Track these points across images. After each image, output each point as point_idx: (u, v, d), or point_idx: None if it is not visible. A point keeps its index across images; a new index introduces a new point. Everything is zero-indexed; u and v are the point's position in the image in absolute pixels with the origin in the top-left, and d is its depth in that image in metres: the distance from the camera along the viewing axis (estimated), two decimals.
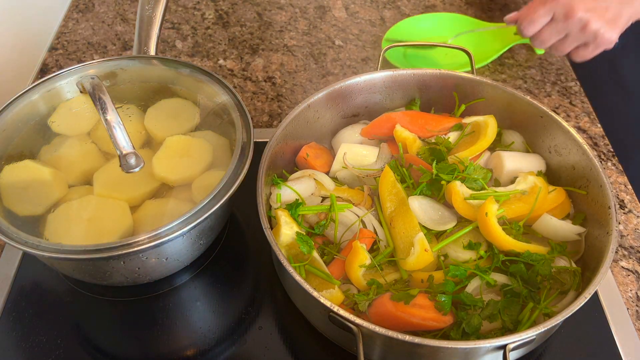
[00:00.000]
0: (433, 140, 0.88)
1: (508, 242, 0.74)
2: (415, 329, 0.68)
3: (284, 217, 0.77)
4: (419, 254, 0.72)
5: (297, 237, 0.75)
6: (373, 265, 0.74)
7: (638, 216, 0.93)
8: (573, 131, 0.82)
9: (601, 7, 0.92)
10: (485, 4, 1.36)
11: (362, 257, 0.73)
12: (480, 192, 0.79)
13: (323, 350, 0.76)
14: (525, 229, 0.79)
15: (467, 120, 0.90)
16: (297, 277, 0.65)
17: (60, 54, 1.23)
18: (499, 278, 0.73)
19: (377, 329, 0.61)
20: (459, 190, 0.78)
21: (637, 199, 0.96)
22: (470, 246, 0.75)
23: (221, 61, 1.22)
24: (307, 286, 0.65)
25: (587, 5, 0.92)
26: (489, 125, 0.87)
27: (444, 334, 0.69)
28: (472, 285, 0.72)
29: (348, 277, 0.75)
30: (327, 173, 0.88)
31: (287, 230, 0.76)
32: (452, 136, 0.89)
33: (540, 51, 1.21)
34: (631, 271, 0.86)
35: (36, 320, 0.79)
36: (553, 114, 0.84)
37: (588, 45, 0.97)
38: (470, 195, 0.78)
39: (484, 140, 0.86)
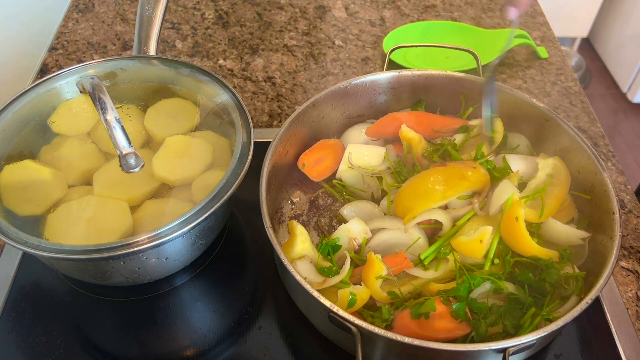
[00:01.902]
0: (439, 141, 0.88)
1: (533, 248, 0.73)
2: (443, 340, 0.68)
3: (299, 228, 0.77)
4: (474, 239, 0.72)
5: (319, 269, 0.75)
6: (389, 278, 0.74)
7: (638, 216, 0.93)
8: (579, 135, 0.81)
9: None
10: (485, 4, 1.36)
11: (378, 269, 0.73)
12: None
13: (323, 351, 0.76)
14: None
15: (474, 122, 0.89)
16: (298, 277, 0.65)
17: (60, 54, 1.23)
18: (506, 286, 0.73)
19: (376, 329, 0.61)
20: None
21: (637, 199, 0.96)
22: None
23: (221, 61, 1.22)
24: (307, 286, 0.65)
25: None
26: (496, 127, 0.87)
27: None
28: (478, 291, 0.72)
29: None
30: (334, 174, 0.88)
31: (301, 243, 0.76)
32: (458, 138, 0.89)
33: (544, 55, 1.21)
34: (631, 271, 0.86)
35: (36, 320, 0.79)
36: (559, 117, 0.84)
37: None
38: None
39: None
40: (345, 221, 0.81)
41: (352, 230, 0.79)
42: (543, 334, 0.62)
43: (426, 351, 0.63)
